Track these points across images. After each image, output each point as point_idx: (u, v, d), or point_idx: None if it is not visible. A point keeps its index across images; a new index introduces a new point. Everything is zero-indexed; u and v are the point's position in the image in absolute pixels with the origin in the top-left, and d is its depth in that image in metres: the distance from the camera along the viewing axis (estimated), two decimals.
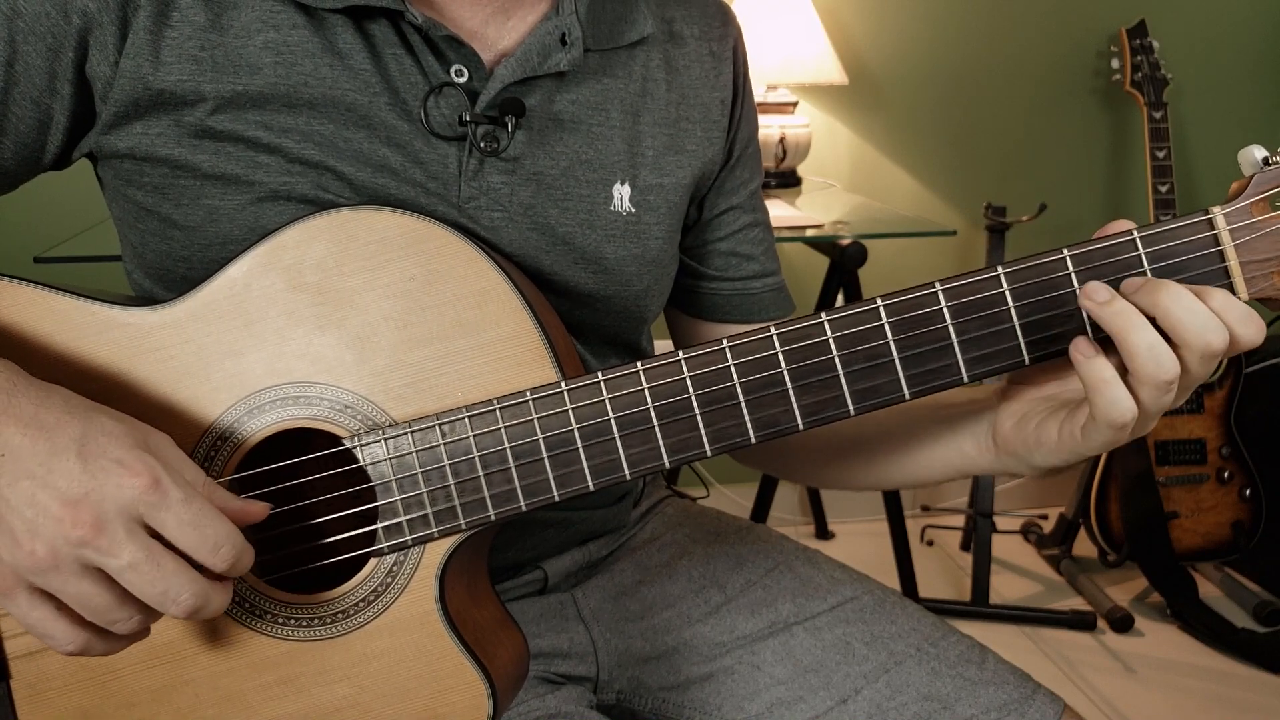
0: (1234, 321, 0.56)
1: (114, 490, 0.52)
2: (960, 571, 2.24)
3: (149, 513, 0.53)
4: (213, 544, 0.54)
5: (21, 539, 0.52)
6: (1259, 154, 0.60)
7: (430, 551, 0.63)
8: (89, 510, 0.51)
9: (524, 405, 0.61)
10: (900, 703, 0.78)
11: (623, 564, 0.89)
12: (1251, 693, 1.84)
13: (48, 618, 0.54)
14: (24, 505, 0.52)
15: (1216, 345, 0.56)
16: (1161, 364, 0.56)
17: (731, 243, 0.85)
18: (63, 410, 0.54)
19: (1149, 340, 0.56)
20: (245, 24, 0.65)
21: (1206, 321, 0.56)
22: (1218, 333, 0.56)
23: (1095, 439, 0.59)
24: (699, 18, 0.81)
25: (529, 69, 0.70)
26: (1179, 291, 0.56)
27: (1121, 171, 2.36)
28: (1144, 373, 0.56)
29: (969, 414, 0.69)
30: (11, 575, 0.53)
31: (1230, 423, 2.07)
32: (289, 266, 0.62)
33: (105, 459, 0.52)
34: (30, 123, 0.65)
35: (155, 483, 0.53)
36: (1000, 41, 2.23)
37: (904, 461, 0.74)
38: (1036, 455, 0.64)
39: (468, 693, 0.62)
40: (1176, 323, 0.56)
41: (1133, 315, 0.56)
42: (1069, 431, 0.61)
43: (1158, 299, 0.56)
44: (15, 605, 0.54)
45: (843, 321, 0.60)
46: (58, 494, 0.51)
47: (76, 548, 0.52)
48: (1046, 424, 0.63)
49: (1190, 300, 0.56)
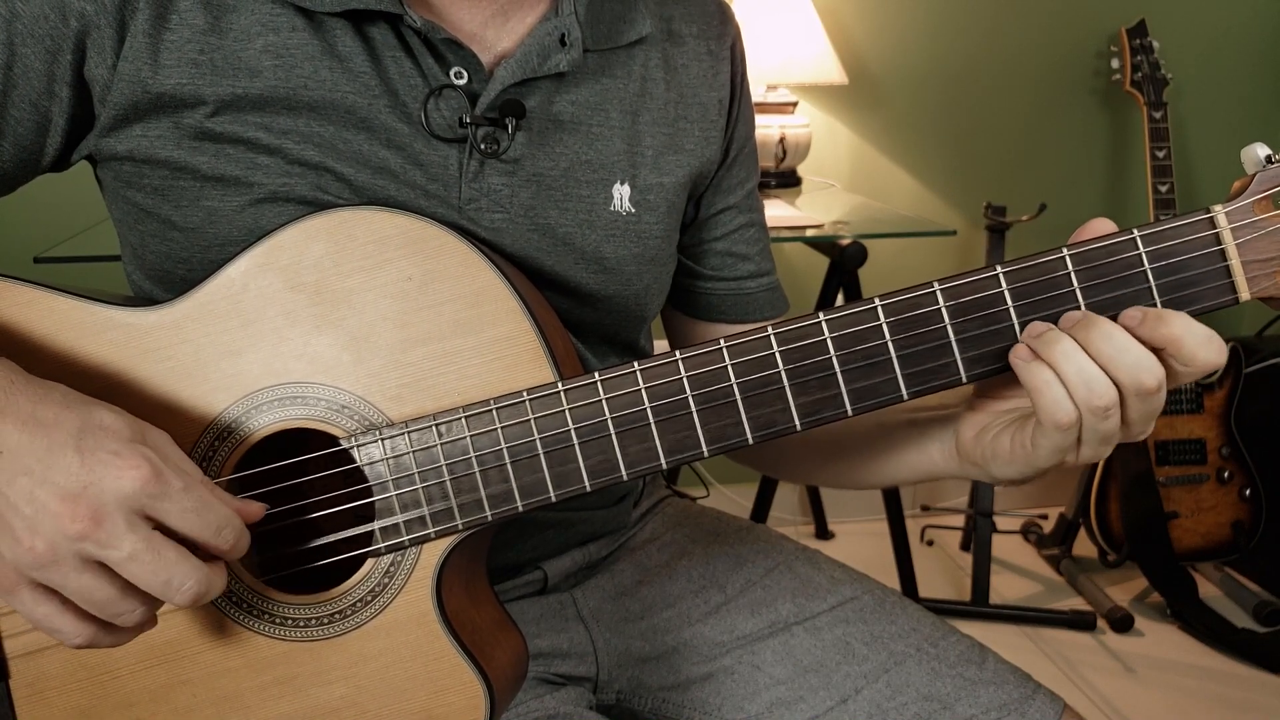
0: (1195, 345, 0.56)
1: (112, 483, 0.52)
2: (960, 571, 2.24)
3: (150, 503, 0.53)
4: (215, 527, 0.54)
5: (21, 536, 0.52)
6: (1262, 152, 0.59)
7: (427, 552, 0.63)
8: (87, 504, 0.51)
9: (520, 405, 0.61)
10: (900, 703, 0.78)
11: (623, 564, 0.89)
12: (1251, 693, 1.84)
13: (53, 613, 0.54)
14: (23, 502, 0.52)
15: (1148, 383, 0.56)
16: (1094, 389, 0.56)
17: (727, 242, 0.85)
18: (60, 406, 0.54)
19: (1077, 366, 0.57)
20: (244, 27, 0.65)
21: (1138, 360, 0.56)
22: (1150, 372, 0.56)
23: (1043, 445, 0.60)
24: (698, 17, 0.81)
25: (528, 70, 0.70)
26: (1110, 330, 0.57)
27: (1121, 171, 2.36)
28: (1078, 397, 0.57)
29: (937, 421, 0.70)
30: (14, 572, 0.53)
31: (1230, 423, 2.07)
32: (287, 267, 0.62)
33: (103, 452, 0.52)
34: (29, 125, 0.65)
35: (156, 473, 0.53)
36: (1000, 42, 2.23)
37: (879, 464, 0.75)
38: (993, 466, 0.65)
39: (464, 693, 0.62)
40: (1107, 361, 0.56)
41: (1061, 342, 0.57)
42: (1020, 442, 0.62)
43: (1089, 336, 0.57)
44: (20, 602, 0.54)
45: (840, 321, 0.60)
46: (56, 489, 0.51)
47: (76, 542, 0.52)
48: (1002, 435, 0.64)
49: (1122, 339, 0.56)
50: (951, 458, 0.69)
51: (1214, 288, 0.59)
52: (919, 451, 0.72)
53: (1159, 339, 0.57)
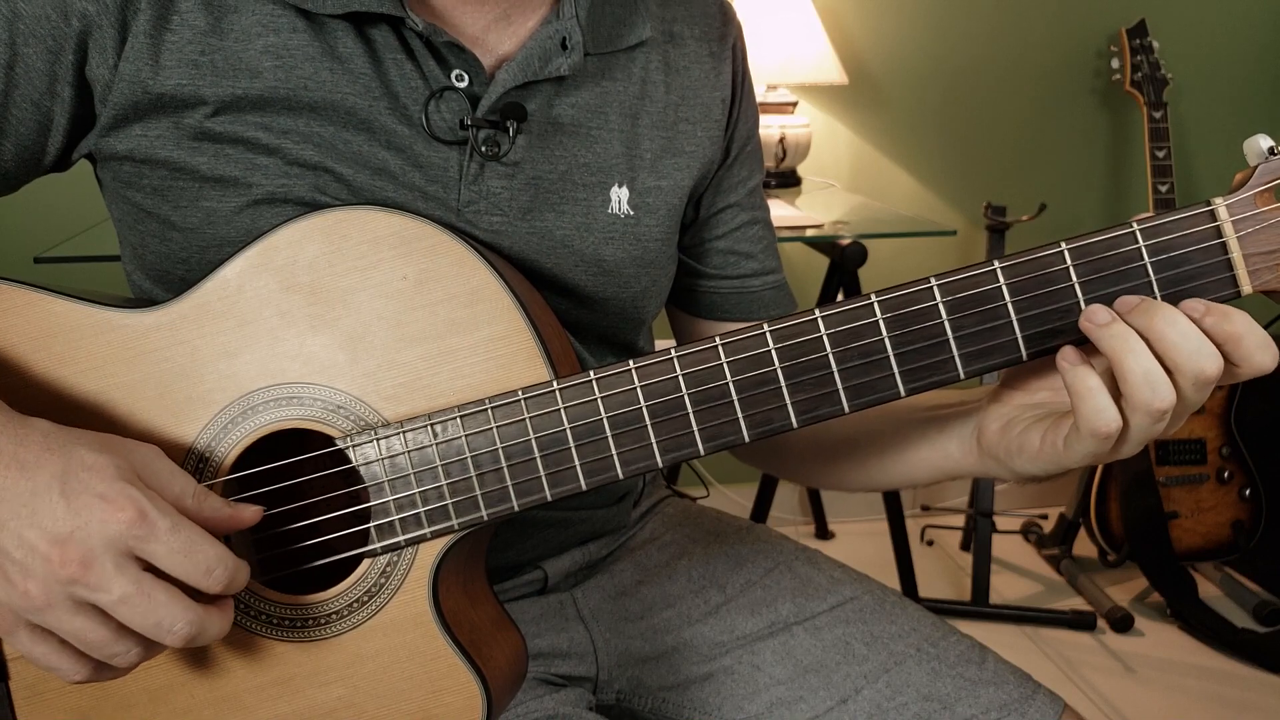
0: (1254, 346, 0.55)
1: (99, 527, 0.52)
2: (960, 571, 2.24)
3: (137, 545, 0.53)
4: (204, 568, 0.54)
5: (15, 579, 0.52)
6: (1265, 144, 0.58)
7: (424, 552, 0.62)
8: (76, 548, 0.51)
9: (516, 405, 0.61)
10: (900, 703, 0.78)
11: (622, 564, 0.89)
12: (1251, 693, 1.84)
13: (50, 652, 0.54)
14: (13, 546, 0.52)
15: (1210, 371, 0.54)
16: (1157, 391, 0.55)
17: (729, 240, 0.85)
18: (41, 448, 0.54)
19: (1144, 366, 0.55)
20: (245, 28, 0.65)
21: (1200, 347, 0.54)
22: (1212, 360, 0.55)
23: (1077, 450, 0.58)
24: (699, 18, 0.81)
25: (529, 74, 0.70)
26: (1174, 316, 0.55)
27: (1121, 171, 2.36)
28: (1138, 398, 0.55)
29: (957, 415, 0.69)
30: (11, 615, 0.53)
31: (1230, 423, 2.07)
32: (282, 267, 0.62)
33: (88, 495, 0.52)
34: (30, 125, 0.65)
35: (141, 515, 0.52)
36: (1000, 42, 2.23)
37: (892, 462, 0.74)
38: (1017, 461, 0.63)
39: (462, 694, 0.62)
40: (1171, 347, 0.55)
41: (1130, 338, 0.55)
42: (1051, 441, 0.60)
43: (1152, 322, 0.55)
44: (19, 642, 0.54)
45: (837, 318, 0.60)
46: (44, 533, 0.52)
47: (67, 586, 0.52)
48: (1030, 431, 0.62)
49: (1185, 325, 0.55)
50: (971, 453, 0.67)
51: (1215, 281, 0.58)
52: (935, 448, 0.70)
53: (1221, 335, 0.55)
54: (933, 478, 0.72)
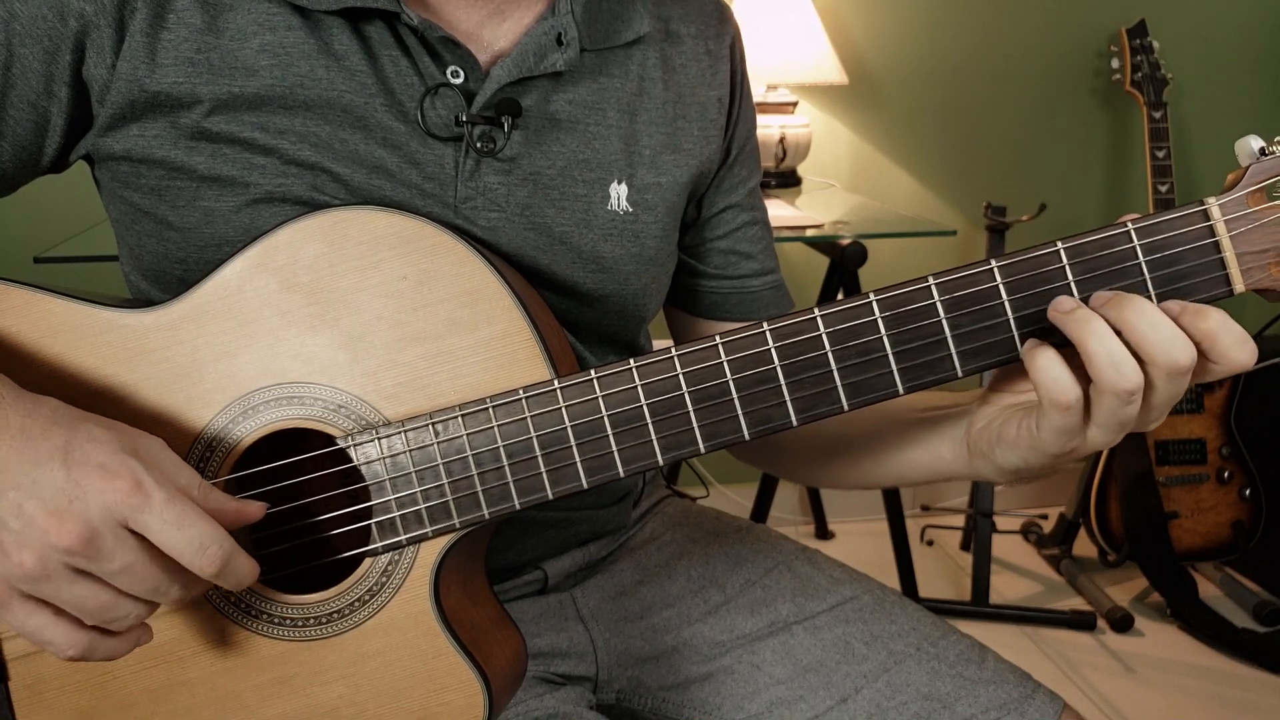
0: (1230, 343, 0.56)
1: (97, 496, 0.52)
2: (960, 571, 2.24)
3: (132, 515, 0.52)
4: (197, 544, 0.53)
5: (10, 550, 0.52)
6: (1256, 144, 0.59)
7: (425, 551, 0.63)
8: (74, 518, 0.51)
9: (517, 404, 0.61)
10: (900, 702, 0.78)
11: (622, 564, 0.89)
12: (1251, 693, 1.84)
13: (45, 624, 0.54)
14: (11, 516, 0.52)
15: (1182, 361, 0.55)
16: (1121, 371, 0.55)
17: (730, 241, 0.85)
18: (49, 421, 0.54)
19: (1108, 347, 0.55)
20: (241, 26, 0.65)
21: (1172, 336, 0.55)
22: (1184, 350, 0.55)
23: (1045, 427, 0.59)
24: (696, 16, 0.81)
25: (525, 69, 0.70)
26: (1143, 306, 0.55)
27: (1121, 171, 2.36)
28: (1104, 380, 0.55)
29: (950, 418, 0.70)
30: (4, 586, 0.53)
31: (1230, 423, 2.07)
32: (282, 267, 0.62)
33: (89, 465, 0.52)
34: (28, 126, 0.65)
35: (137, 485, 0.52)
36: (1000, 41, 2.23)
37: (885, 462, 0.75)
38: (998, 452, 0.64)
39: (463, 692, 0.62)
40: (1140, 337, 0.55)
41: (1093, 321, 0.56)
42: (1027, 426, 0.61)
43: (1123, 313, 0.56)
44: (11, 614, 0.54)
45: (835, 317, 0.60)
46: (43, 504, 0.52)
47: (65, 556, 0.52)
48: (1009, 421, 0.63)
49: (1155, 315, 0.55)
50: (961, 455, 0.68)
51: (1208, 280, 0.59)
52: (927, 449, 0.71)
53: (1196, 332, 0.56)
54: (926, 478, 0.72)
